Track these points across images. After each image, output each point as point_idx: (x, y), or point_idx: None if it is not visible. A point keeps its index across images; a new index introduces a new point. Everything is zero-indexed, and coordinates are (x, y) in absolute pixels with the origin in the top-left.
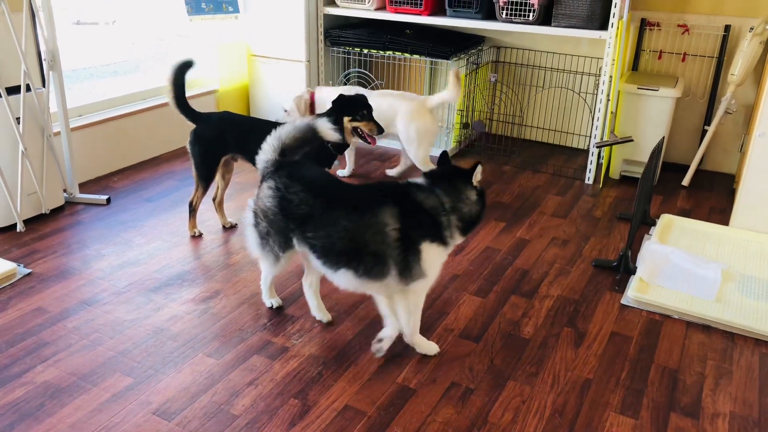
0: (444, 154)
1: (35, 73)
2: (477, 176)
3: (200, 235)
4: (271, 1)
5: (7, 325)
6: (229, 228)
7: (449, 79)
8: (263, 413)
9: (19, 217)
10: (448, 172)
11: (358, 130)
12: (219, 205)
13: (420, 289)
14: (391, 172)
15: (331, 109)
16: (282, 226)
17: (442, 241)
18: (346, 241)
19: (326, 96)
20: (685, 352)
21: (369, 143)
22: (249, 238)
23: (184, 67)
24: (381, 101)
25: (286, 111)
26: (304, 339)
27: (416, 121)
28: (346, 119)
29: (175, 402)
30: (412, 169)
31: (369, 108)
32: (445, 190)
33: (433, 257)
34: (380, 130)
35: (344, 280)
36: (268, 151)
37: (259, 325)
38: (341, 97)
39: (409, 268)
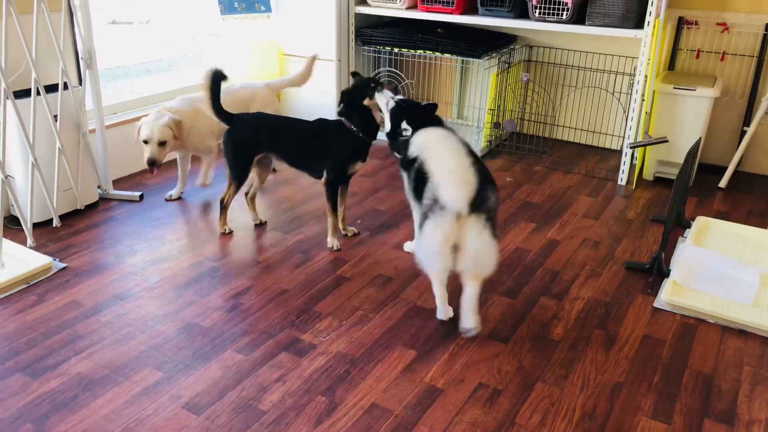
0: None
1: (72, 71)
2: None
3: (230, 232)
4: (302, 0)
5: (43, 318)
6: (259, 225)
7: (306, 63)
8: (290, 410)
9: (55, 212)
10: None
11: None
12: (251, 200)
13: None
14: None
15: (345, 97)
16: None
17: None
18: None
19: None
20: (721, 357)
21: None
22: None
23: (217, 75)
24: (241, 92)
25: (146, 142)
26: (332, 336)
27: (274, 104)
28: (367, 101)
29: (204, 397)
30: None
31: (377, 81)
32: None
33: None
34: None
35: None
36: (474, 184)
37: (287, 322)
38: (357, 79)
39: None
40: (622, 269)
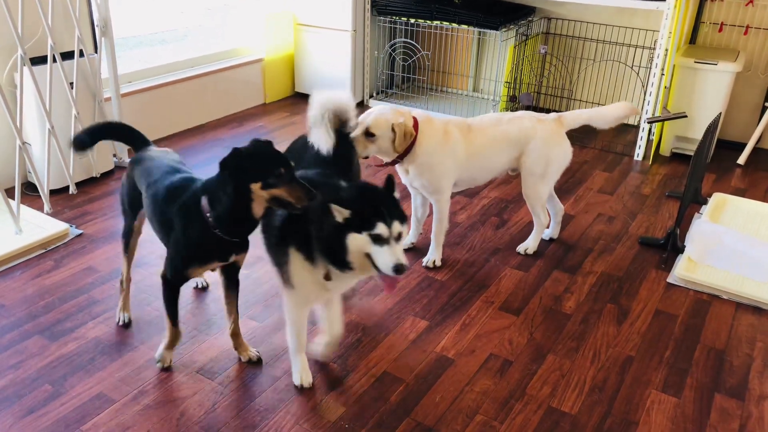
0: None
1: (88, 39)
2: None
3: None
4: None
5: (60, 283)
6: None
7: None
8: None
9: (72, 179)
10: None
11: (279, 199)
12: None
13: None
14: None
15: (229, 162)
16: None
17: None
18: None
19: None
20: (733, 333)
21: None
22: None
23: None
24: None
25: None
26: (345, 305)
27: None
28: (255, 186)
29: (218, 362)
30: None
31: (287, 164)
32: None
33: None
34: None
35: None
36: None
37: None
38: (236, 151)
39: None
40: (636, 244)
